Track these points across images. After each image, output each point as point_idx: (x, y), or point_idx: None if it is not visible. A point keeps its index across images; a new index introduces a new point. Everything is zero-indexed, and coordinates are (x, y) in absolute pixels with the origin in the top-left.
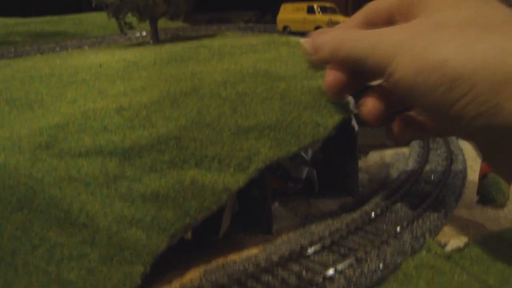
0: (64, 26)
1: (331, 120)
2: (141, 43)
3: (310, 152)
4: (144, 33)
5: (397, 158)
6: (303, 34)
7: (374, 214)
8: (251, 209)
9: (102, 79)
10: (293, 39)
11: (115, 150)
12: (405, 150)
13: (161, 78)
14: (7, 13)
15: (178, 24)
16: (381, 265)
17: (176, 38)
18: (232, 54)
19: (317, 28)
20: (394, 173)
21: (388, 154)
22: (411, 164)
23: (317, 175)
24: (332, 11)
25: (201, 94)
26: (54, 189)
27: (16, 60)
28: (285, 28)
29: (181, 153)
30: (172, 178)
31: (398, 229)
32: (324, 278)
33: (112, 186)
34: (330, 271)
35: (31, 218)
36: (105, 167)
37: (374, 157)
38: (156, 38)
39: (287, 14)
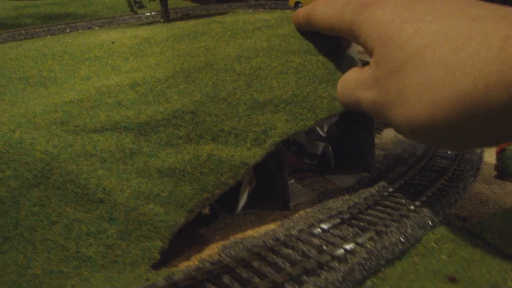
0: (74, 7)
1: None
2: (151, 22)
3: (325, 128)
4: (153, 13)
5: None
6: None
7: (393, 188)
8: (268, 185)
9: (115, 56)
10: None
11: (130, 125)
12: None
13: (174, 54)
14: None
15: (188, 3)
16: (401, 238)
17: (186, 16)
18: (245, 29)
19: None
20: (409, 149)
21: None
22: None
23: (333, 151)
24: None
25: (216, 69)
26: (71, 165)
27: (27, 41)
28: (297, 4)
29: (197, 128)
30: (189, 153)
31: (418, 203)
32: (346, 251)
33: (129, 161)
34: (351, 244)
35: (48, 194)
36: (121, 142)
37: (388, 134)
38: (167, 16)
39: None
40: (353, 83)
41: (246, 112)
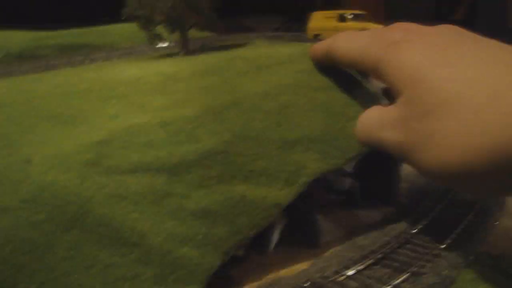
0: (91, 38)
1: None
2: (170, 54)
3: (352, 163)
4: (172, 44)
5: None
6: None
7: (421, 225)
8: (297, 222)
9: (141, 93)
10: None
11: (162, 166)
12: None
13: (200, 91)
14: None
15: (204, 33)
16: (437, 279)
17: (205, 48)
18: (269, 65)
19: (316, 36)
20: (432, 182)
21: None
22: None
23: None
24: (365, 18)
25: (243, 107)
26: (104, 208)
27: (48, 73)
28: (316, 36)
29: (228, 168)
30: (221, 194)
31: (448, 241)
32: None
33: (162, 203)
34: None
35: (82, 238)
36: (153, 184)
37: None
38: (187, 48)
39: (318, 22)
40: (377, 122)
41: (277, 152)
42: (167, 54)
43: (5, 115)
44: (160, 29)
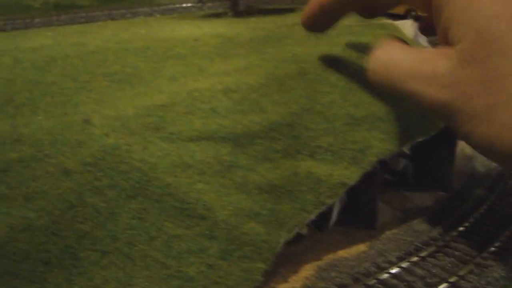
0: None
1: None
2: (217, 14)
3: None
4: (217, 2)
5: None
6: (392, 15)
7: (478, 214)
8: (355, 202)
9: (200, 56)
10: (387, 21)
11: (227, 136)
12: None
13: (262, 58)
14: None
15: None
16: (503, 273)
17: (252, 10)
18: (328, 35)
19: (408, 11)
20: (479, 167)
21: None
22: None
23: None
24: None
25: (309, 78)
26: (169, 176)
27: (92, 25)
28: None
29: (294, 142)
30: (287, 169)
31: (507, 233)
32: (452, 285)
33: (227, 175)
34: (454, 278)
35: (146, 207)
36: (218, 154)
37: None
38: (236, 9)
39: None
40: (410, 70)
41: (343, 128)
42: (215, 15)
43: (59, 70)
44: None
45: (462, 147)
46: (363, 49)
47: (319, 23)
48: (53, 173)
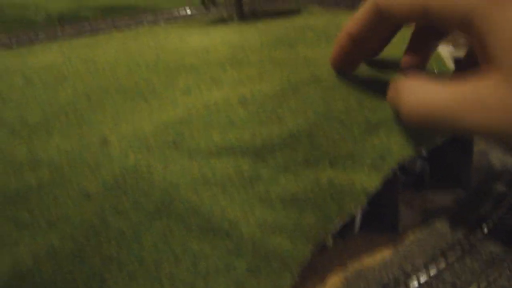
0: None
1: None
2: (223, 19)
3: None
4: (219, 6)
5: (491, 144)
6: None
7: (501, 212)
8: (376, 205)
9: (212, 65)
10: None
11: (247, 148)
12: None
13: (274, 65)
14: None
15: None
16: None
17: (257, 13)
18: None
19: None
20: (495, 161)
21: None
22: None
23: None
24: None
25: (323, 84)
26: (191, 194)
27: (98, 37)
28: None
29: (314, 151)
30: (309, 179)
31: None
32: None
33: (250, 189)
34: (484, 283)
35: (171, 227)
36: (239, 167)
37: None
38: (241, 13)
39: None
40: (458, 106)
41: (361, 134)
42: (220, 20)
43: (71, 88)
44: None
45: (476, 141)
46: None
47: (349, 58)
48: (74, 198)
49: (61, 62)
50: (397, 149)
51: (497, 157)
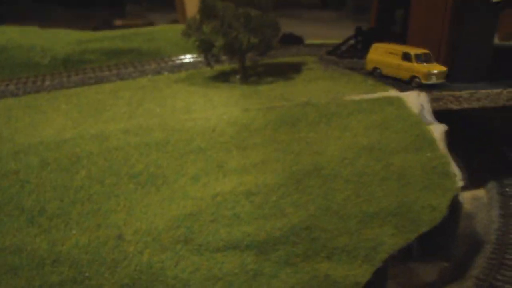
0: (137, 42)
1: (444, 200)
2: (225, 74)
3: None
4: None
5: (476, 206)
6: (395, 79)
7: None
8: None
9: (218, 148)
10: (394, 94)
11: (251, 243)
12: (480, 193)
13: (278, 149)
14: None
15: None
16: None
17: (259, 73)
18: (339, 115)
19: (413, 77)
20: (479, 228)
21: (466, 198)
22: (495, 217)
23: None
24: (427, 58)
25: (324, 174)
26: None
27: (100, 86)
28: (374, 69)
29: (313, 245)
30: (307, 273)
31: None
32: None
33: (253, 284)
34: None
35: None
36: (244, 262)
37: None
38: (245, 76)
39: (378, 55)
40: None
41: (357, 227)
42: (221, 72)
43: (85, 172)
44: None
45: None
46: (373, 134)
47: None
48: None
49: (73, 138)
50: (388, 240)
51: (481, 222)
